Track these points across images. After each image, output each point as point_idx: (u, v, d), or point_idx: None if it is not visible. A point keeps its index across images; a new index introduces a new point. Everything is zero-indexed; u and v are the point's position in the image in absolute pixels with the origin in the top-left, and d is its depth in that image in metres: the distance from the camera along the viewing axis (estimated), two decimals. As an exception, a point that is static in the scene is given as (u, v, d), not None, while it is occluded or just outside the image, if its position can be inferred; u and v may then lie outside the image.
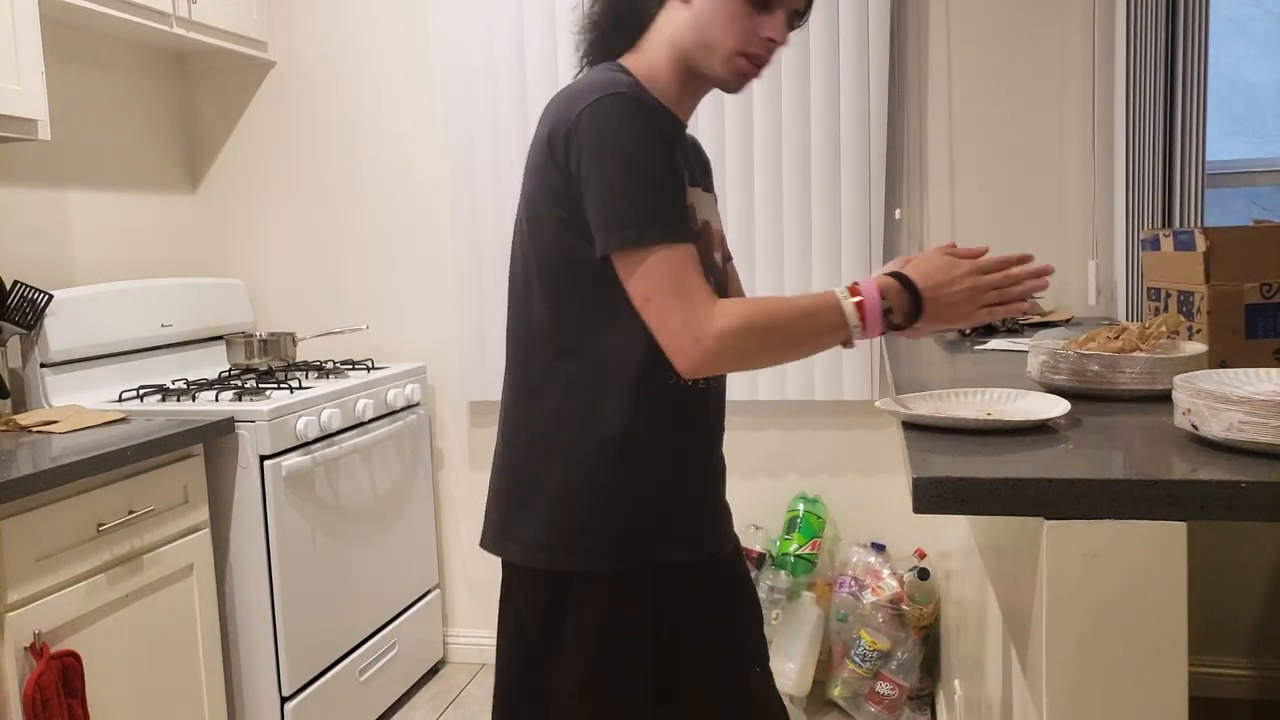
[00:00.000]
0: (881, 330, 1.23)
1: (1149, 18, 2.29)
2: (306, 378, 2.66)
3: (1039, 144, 2.65)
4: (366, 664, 2.62)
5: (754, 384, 2.76)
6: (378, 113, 3.01)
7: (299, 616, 2.35)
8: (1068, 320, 2.46)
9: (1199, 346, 1.38)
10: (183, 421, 2.12)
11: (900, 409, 1.22)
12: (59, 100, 2.59)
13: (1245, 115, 2.72)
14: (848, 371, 2.71)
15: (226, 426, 2.21)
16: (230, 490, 2.27)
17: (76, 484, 1.83)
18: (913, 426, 1.17)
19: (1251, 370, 1.14)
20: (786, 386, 2.75)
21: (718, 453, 1.45)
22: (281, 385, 2.48)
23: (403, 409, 2.82)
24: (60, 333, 2.36)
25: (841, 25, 2.61)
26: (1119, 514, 0.92)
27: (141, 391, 2.44)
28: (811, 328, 1.23)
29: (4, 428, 2.10)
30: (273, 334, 2.79)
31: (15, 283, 2.29)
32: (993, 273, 1.25)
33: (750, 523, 2.81)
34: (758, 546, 2.70)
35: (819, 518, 2.76)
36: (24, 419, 2.14)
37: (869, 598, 2.62)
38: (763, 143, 2.68)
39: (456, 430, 3.08)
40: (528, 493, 1.33)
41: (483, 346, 2.91)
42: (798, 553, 2.69)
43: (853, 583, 2.67)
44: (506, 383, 1.39)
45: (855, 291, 1.23)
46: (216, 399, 2.36)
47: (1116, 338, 1.38)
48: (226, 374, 2.71)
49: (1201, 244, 1.51)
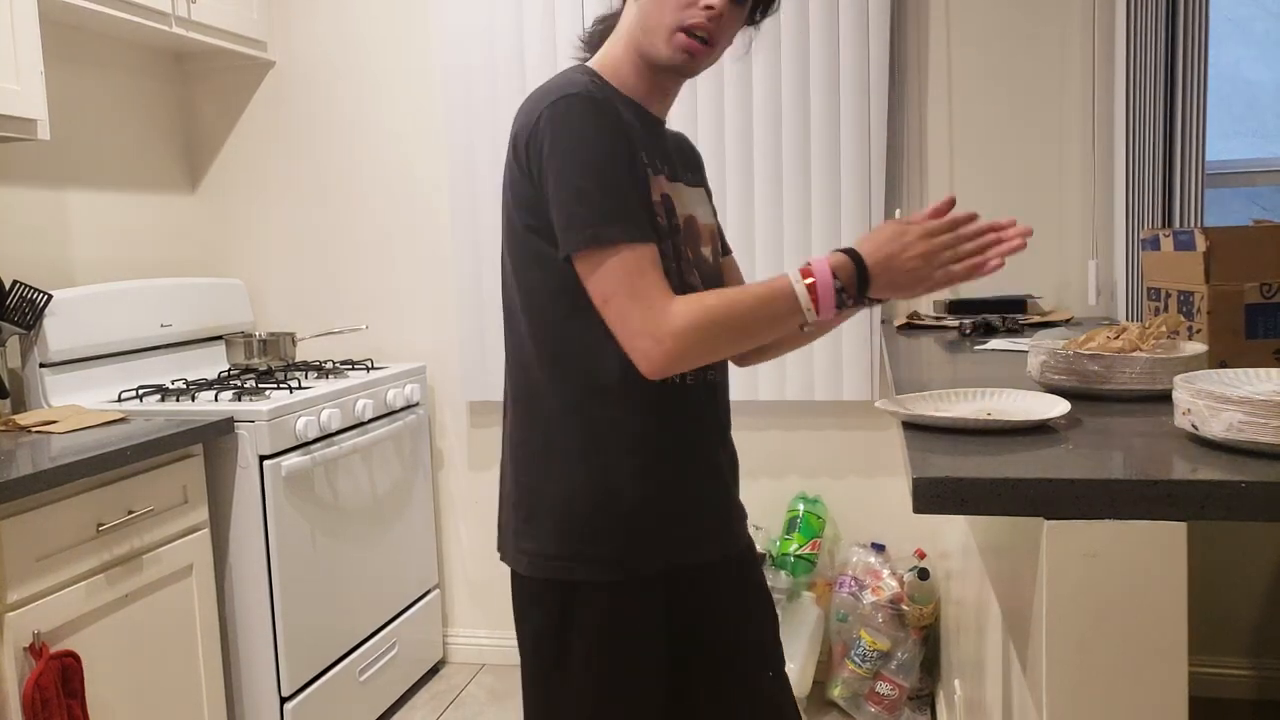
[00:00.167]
0: (836, 309, 1.22)
1: (1149, 18, 2.29)
2: (306, 378, 2.66)
3: (1039, 144, 2.64)
4: (366, 664, 2.62)
5: (754, 384, 2.76)
6: (378, 113, 3.01)
7: (298, 616, 2.35)
8: (1068, 320, 2.46)
9: (1199, 346, 1.38)
10: (182, 421, 2.12)
11: (900, 409, 1.22)
12: (59, 100, 2.59)
13: (1245, 115, 2.72)
14: (848, 372, 2.71)
15: (226, 426, 2.21)
16: (230, 490, 2.26)
17: (76, 484, 1.83)
18: (912, 426, 1.17)
19: (1251, 370, 1.14)
20: (786, 387, 2.75)
21: (724, 450, 1.44)
22: (281, 385, 2.48)
23: (402, 409, 2.82)
24: (60, 333, 2.36)
25: (841, 25, 2.61)
26: (1119, 514, 0.92)
27: (141, 391, 2.44)
28: (769, 314, 1.22)
29: (3, 428, 2.10)
30: (272, 334, 2.79)
31: (15, 282, 2.29)
32: (943, 234, 1.24)
33: (750, 523, 2.76)
34: (758, 546, 2.69)
35: (819, 518, 2.76)
36: (23, 419, 2.14)
37: (869, 598, 2.62)
38: (763, 143, 2.69)
39: (456, 430, 3.08)
40: (532, 502, 1.33)
41: (483, 346, 2.90)
42: (798, 553, 2.69)
43: (853, 583, 2.66)
44: (506, 388, 1.39)
45: (808, 273, 1.21)
46: (216, 399, 2.36)
47: (1116, 338, 1.38)
48: (226, 374, 2.71)
49: (1201, 244, 1.51)
